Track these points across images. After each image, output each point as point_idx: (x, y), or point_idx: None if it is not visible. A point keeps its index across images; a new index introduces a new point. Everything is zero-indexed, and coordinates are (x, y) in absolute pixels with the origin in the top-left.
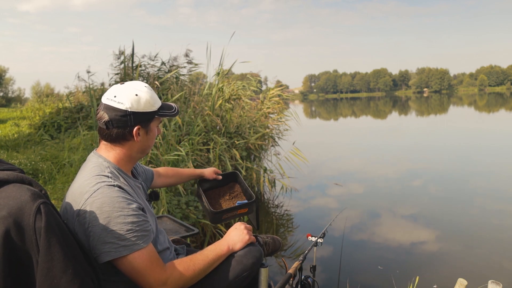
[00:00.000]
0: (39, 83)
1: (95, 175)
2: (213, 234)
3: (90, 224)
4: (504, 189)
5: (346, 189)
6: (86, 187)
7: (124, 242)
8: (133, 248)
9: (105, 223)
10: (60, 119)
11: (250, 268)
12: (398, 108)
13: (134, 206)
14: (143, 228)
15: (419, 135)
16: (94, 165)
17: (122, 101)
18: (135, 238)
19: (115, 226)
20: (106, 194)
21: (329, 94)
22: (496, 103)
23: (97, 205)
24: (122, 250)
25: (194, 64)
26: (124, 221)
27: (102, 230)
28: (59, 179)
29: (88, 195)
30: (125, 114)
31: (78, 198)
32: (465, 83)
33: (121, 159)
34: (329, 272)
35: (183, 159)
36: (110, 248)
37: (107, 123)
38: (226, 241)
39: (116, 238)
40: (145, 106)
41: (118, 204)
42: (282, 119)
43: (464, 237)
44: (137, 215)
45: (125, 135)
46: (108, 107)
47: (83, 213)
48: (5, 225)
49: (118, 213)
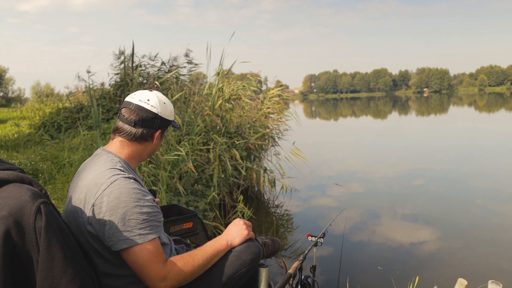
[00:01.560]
0: (39, 83)
1: (109, 168)
2: (213, 234)
3: (108, 213)
4: (504, 189)
5: (346, 189)
6: (102, 179)
7: (140, 231)
8: (147, 237)
9: (124, 212)
10: (60, 119)
11: (249, 263)
12: (398, 108)
13: (149, 197)
14: (156, 219)
15: (419, 135)
16: (106, 160)
17: (155, 105)
18: (149, 227)
19: (132, 215)
20: (123, 185)
21: (329, 94)
22: (496, 103)
23: (115, 195)
24: (138, 238)
25: (194, 64)
26: (141, 211)
27: (120, 219)
28: (59, 179)
29: (106, 186)
30: (155, 117)
31: (93, 188)
32: (465, 83)
33: (132, 157)
34: (329, 272)
35: (183, 159)
36: (127, 236)
37: (136, 121)
38: (225, 236)
39: (133, 226)
40: (169, 114)
41: (135, 195)
42: (282, 119)
43: (464, 237)
44: (151, 206)
45: (147, 135)
46: (141, 108)
47: (99, 202)
48: (5, 225)
49: (135, 203)
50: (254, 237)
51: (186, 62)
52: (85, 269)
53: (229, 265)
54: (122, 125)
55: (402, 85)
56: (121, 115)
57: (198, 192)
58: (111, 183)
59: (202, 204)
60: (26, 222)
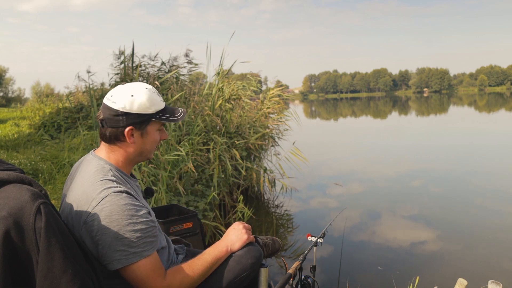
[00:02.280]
0: (39, 83)
1: (100, 180)
2: (213, 234)
3: (99, 233)
4: (504, 189)
5: (346, 189)
6: (92, 193)
7: (134, 249)
8: (142, 255)
9: (115, 231)
10: (60, 119)
11: (250, 268)
12: (398, 108)
13: (143, 213)
14: (151, 234)
15: (419, 135)
16: (96, 168)
17: (115, 101)
18: (144, 245)
19: (125, 234)
20: (114, 202)
21: (329, 94)
22: (496, 103)
23: (106, 213)
24: (132, 257)
25: (194, 64)
26: (134, 228)
27: (112, 239)
28: (59, 179)
29: (96, 202)
30: (117, 114)
31: (84, 205)
32: (465, 83)
33: (120, 161)
34: (329, 272)
35: (183, 159)
36: (120, 255)
37: (102, 121)
38: (224, 242)
39: (126, 245)
40: (139, 108)
41: (128, 212)
42: (282, 119)
43: (464, 237)
44: (146, 221)
45: (117, 135)
46: (104, 106)
47: (91, 221)
48: (5, 225)
49: (128, 221)
50: (254, 240)
51: (186, 62)
52: (85, 269)
53: (230, 270)
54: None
55: (402, 85)
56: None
57: (198, 192)
58: (102, 199)
59: (202, 204)
60: (26, 222)
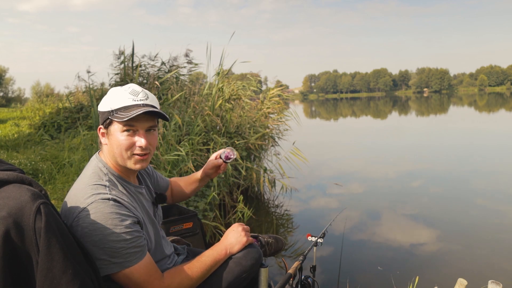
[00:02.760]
0: (39, 83)
1: (92, 185)
2: (213, 234)
3: (82, 239)
4: (504, 189)
5: (346, 189)
6: (81, 198)
7: (116, 260)
8: (124, 265)
9: (97, 240)
10: (60, 119)
11: (249, 269)
12: (398, 108)
13: (128, 223)
14: (136, 245)
15: (419, 135)
16: (93, 171)
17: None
18: (126, 255)
19: (107, 244)
20: (99, 209)
21: (329, 94)
22: (496, 103)
23: (89, 220)
24: (113, 267)
25: (194, 64)
26: (116, 239)
27: (94, 247)
28: (59, 179)
29: (82, 207)
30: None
31: (73, 207)
32: (465, 83)
33: (113, 164)
34: (329, 272)
35: (183, 159)
36: (101, 264)
37: None
38: (223, 244)
39: (107, 255)
40: (100, 105)
41: (111, 221)
42: (282, 119)
43: (464, 237)
44: (130, 232)
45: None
46: None
47: (75, 226)
48: (5, 226)
49: (110, 231)
50: (253, 241)
51: (186, 62)
52: (85, 270)
53: (229, 271)
54: None
55: (402, 85)
56: None
57: (198, 192)
58: (88, 205)
59: (202, 204)
60: (26, 222)
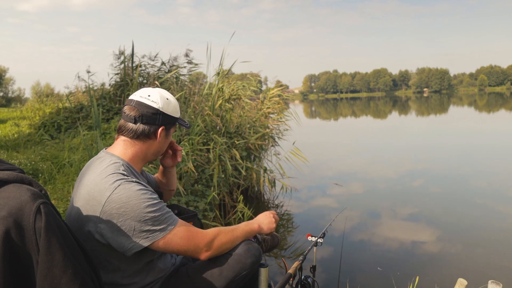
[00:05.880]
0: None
1: (112, 173)
2: None
3: (121, 218)
4: (505, 189)
5: (346, 189)
6: (105, 184)
7: (159, 226)
8: (167, 229)
9: (137, 214)
10: (60, 119)
11: (250, 267)
12: (398, 108)
13: (155, 196)
14: (168, 210)
15: (419, 135)
16: (108, 164)
17: (155, 101)
18: (166, 220)
19: (147, 215)
20: (127, 189)
21: (329, 94)
22: (496, 103)
23: (123, 200)
24: (158, 234)
25: (194, 64)
26: (153, 208)
27: (136, 222)
28: (59, 179)
29: (110, 192)
30: (156, 112)
31: (98, 196)
32: (465, 83)
33: (136, 156)
34: (329, 272)
35: (183, 159)
36: (146, 235)
37: (137, 118)
38: (256, 221)
39: (150, 225)
40: (172, 110)
41: (143, 195)
42: (282, 119)
43: (464, 237)
44: (160, 202)
45: (149, 132)
46: (141, 104)
47: (109, 209)
48: (5, 225)
49: (146, 203)
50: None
51: (186, 62)
52: (85, 269)
53: (230, 269)
54: (124, 123)
55: (402, 85)
56: (123, 113)
57: (198, 192)
58: (115, 188)
59: (202, 204)
60: (26, 222)
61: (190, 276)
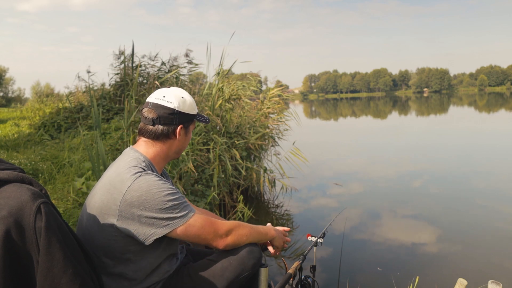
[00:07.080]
0: (39, 83)
1: (133, 166)
2: None
3: (142, 206)
4: (505, 189)
5: (346, 189)
6: (126, 175)
7: (180, 213)
8: (188, 216)
9: (158, 202)
10: (60, 119)
11: (251, 268)
12: (398, 108)
13: (174, 187)
14: (186, 200)
15: (419, 135)
16: (131, 158)
17: (171, 101)
18: (185, 207)
19: (167, 203)
20: (147, 179)
21: (329, 94)
22: (496, 103)
23: (144, 189)
24: (179, 221)
25: (194, 64)
26: (173, 197)
27: (156, 209)
28: (59, 179)
29: (131, 181)
30: (173, 112)
31: (119, 185)
32: (465, 83)
33: (158, 156)
34: (329, 272)
35: (183, 159)
36: (167, 222)
37: (155, 120)
38: (275, 231)
39: (170, 212)
40: (189, 108)
41: (162, 185)
42: (282, 119)
43: (464, 237)
44: (178, 192)
45: (168, 132)
46: (157, 105)
47: (129, 198)
48: (5, 225)
49: (166, 192)
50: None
51: (186, 62)
52: (85, 269)
53: (232, 270)
54: (144, 126)
55: (402, 85)
56: (142, 116)
57: (198, 192)
58: (136, 178)
59: (202, 204)
60: (26, 222)
61: (191, 275)
